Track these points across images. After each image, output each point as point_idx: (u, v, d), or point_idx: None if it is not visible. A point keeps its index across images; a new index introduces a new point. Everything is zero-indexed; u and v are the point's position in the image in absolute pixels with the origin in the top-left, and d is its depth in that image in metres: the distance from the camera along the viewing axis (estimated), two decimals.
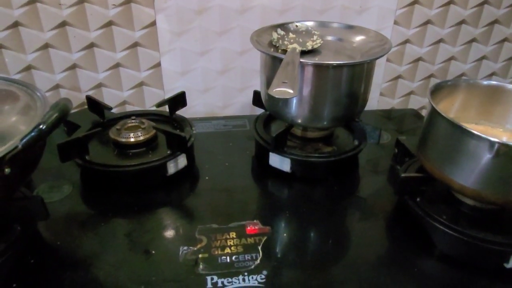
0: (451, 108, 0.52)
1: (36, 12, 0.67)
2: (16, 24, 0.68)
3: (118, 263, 0.45)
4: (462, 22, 0.81)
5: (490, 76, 0.89)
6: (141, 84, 0.78)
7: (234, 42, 0.76)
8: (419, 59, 0.84)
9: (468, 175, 0.43)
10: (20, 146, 0.35)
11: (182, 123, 0.65)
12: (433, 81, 0.87)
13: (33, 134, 0.36)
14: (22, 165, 0.38)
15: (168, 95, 0.78)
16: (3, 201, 0.38)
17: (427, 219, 0.47)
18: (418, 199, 0.49)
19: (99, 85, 0.76)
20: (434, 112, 0.45)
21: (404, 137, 0.63)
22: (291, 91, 0.39)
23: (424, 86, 0.88)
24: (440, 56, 0.84)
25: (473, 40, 0.84)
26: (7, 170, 0.35)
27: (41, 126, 0.36)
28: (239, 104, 0.83)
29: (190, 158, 0.61)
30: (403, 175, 0.48)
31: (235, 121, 0.77)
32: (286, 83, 0.40)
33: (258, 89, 0.67)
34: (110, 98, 0.78)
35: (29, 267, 0.44)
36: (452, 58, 0.85)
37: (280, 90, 0.39)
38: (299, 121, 0.58)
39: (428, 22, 0.80)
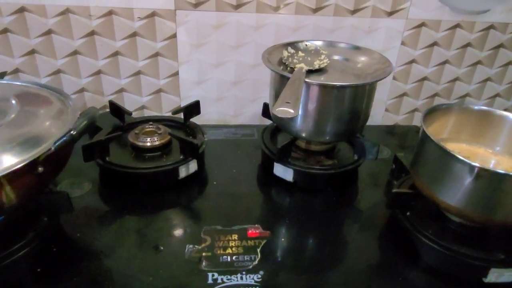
0: (445, 129, 0.56)
1: (68, 21, 0.73)
2: (49, 32, 0.74)
3: (130, 256, 0.50)
4: (467, 45, 0.84)
5: (493, 97, 0.92)
6: (159, 91, 0.83)
7: (248, 55, 0.81)
8: (424, 78, 0.87)
9: (453, 194, 0.46)
10: (52, 149, 0.41)
11: (195, 130, 0.70)
12: (438, 100, 0.91)
13: (65, 138, 0.41)
14: (53, 165, 0.43)
15: (184, 102, 0.84)
16: (35, 195, 0.44)
17: (415, 233, 0.51)
18: (408, 213, 0.53)
19: (120, 90, 0.82)
20: (424, 134, 0.49)
21: (402, 153, 0.67)
22: (292, 111, 0.44)
23: (428, 104, 0.91)
24: (445, 77, 0.87)
25: (478, 62, 0.87)
26: (40, 169, 0.40)
27: (72, 132, 0.41)
28: (250, 114, 0.87)
29: (201, 164, 0.66)
30: (394, 190, 0.52)
31: (245, 130, 0.81)
32: (289, 104, 0.44)
33: (268, 101, 0.72)
34: (130, 102, 0.83)
35: (52, 255, 0.50)
36: (457, 79, 0.88)
37: (283, 110, 0.44)
38: (303, 135, 0.62)
39: (434, 44, 0.83)
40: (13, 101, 0.46)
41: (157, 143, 0.65)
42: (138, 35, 0.77)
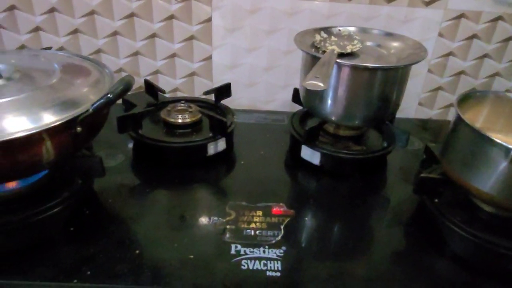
0: (479, 118, 0.54)
1: (110, 3, 0.77)
2: (92, 12, 0.77)
3: (157, 223, 0.52)
4: (509, 38, 0.81)
5: None
6: (192, 74, 0.85)
7: (281, 42, 0.81)
8: (461, 72, 0.85)
9: (485, 180, 0.45)
10: (90, 110, 0.43)
11: (225, 110, 0.71)
12: None
13: (102, 101, 0.43)
14: (90, 127, 0.45)
15: (216, 86, 0.85)
16: (71, 156, 0.46)
17: (443, 219, 0.50)
18: (436, 200, 0.52)
19: (156, 72, 0.85)
20: (458, 118, 0.47)
21: (433, 144, 0.65)
22: (321, 84, 0.44)
23: None
24: (484, 71, 0.84)
25: None
26: (78, 129, 0.43)
27: (109, 95, 0.44)
28: (280, 100, 0.88)
29: (229, 143, 0.67)
30: (422, 175, 0.51)
31: (275, 115, 0.82)
32: (318, 78, 0.44)
33: (298, 87, 0.72)
34: (164, 84, 0.86)
35: (84, 217, 0.52)
36: (496, 74, 0.85)
37: (312, 83, 0.44)
38: (333, 118, 0.62)
39: (474, 36, 0.80)
40: (56, 67, 0.48)
41: (188, 120, 0.66)
42: (175, 18, 0.79)
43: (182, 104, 0.69)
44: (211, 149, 0.64)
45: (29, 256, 0.45)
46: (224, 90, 0.73)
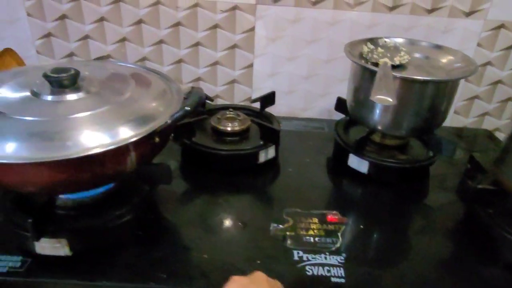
0: None
1: (157, 12, 0.79)
2: (139, 22, 0.80)
3: (218, 229, 0.54)
4: None
5: None
6: (233, 81, 0.87)
7: (321, 51, 0.83)
8: (498, 81, 0.86)
9: None
10: (169, 121, 0.45)
11: (270, 118, 0.73)
12: (511, 105, 0.89)
13: (181, 113, 0.45)
14: (164, 137, 0.48)
15: (255, 93, 0.88)
16: (147, 164, 0.48)
17: (498, 229, 0.51)
18: (490, 211, 0.53)
19: (197, 79, 0.87)
20: None
21: (478, 154, 0.66)
22: (390, 99, 0.46)
23: (501, 109, 0.89)
24: None
25: None
26: (157, 139, 0.45)
27: (187, 108, 0.46)
28: (319, 108, 0.90)
29: (277, 151, 0.69)
30: (479, 186, 0.52)
31: (315, 123, 0.84)
32: (386, 92, 0.46)
33: (340, 95, 0.74)
34: (206, 91, 0.86)
35: (150, 221, 0.54)
36: None
37: (381, 98, 0.46)
38: (380, 127, 0.64)
39: None
40: (130, 81, 0.51)
41: (237, 128, 0.68)
42: (219, 27, 0.81)
43: (230, 112, 0.71)
44: (262, 157, 0.66)
45: (107, 259, 0.47)
46: (269, 99, 0.76)
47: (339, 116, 0.75)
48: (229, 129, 0.68)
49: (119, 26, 0.80)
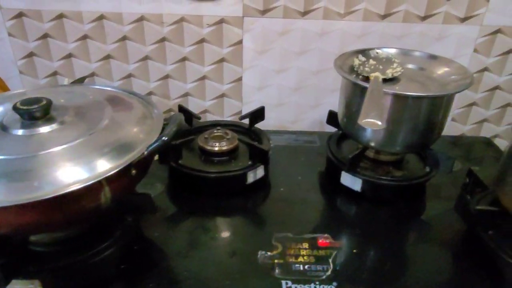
0: None
1: (141, 28, 0.77)
2: (124, 38, 0.78)
3: (206, 259, 0.52)
4: None
5: None
6: (222, 95, 0.85)
7: (311, 62, 0.81)
8: (496, 87, 0.83)
9: None
10: (146, 153, 0.43)
11: (260, 135, 0.71)
12: (510, 111, 0.86)
13: (158, 143, 0.43)
14: (142, 168, 0.45)
15: (245, 107, 0.85)
16: (125, 197, 0.46)
17: (499, 252, 0.49)
18: (490, 232, 0.50)
19: (186, 94, 0.85)
20: None
21: (477, 167, 0.64)
22: (379, 122, 0.43)
23: (499, 115, 0.87)
24: None
25: None
26: (133, 172, 0.43)
27: (164, 138, 0.43)
28: (309, 120, 0.87)
29: (266, 169, 0.66)
30: (478, 207, 0.50)
31: (306, 136, 0.81)
32: (374, 115, 0.43)
33: (331, 107, 0.71)
34: (194, 106, 0.86)
35: (134, 253, 0.52)
36: None
37: (369, 121, 0.43)
38: (373, 144, 0.61)
39: (510, 51, 0.79)
40: (107, 107, 0.48)
41: (225, 148, 0.66)
42: (206, 41, 0.79)
43: (218, 131, 0.69)
44: (251, 177, 0.64)
45: None
46: (258, 114, 0.73)
47: (331, 127, 0.73)
48: (216, 149, 0.66)
49: (103, 44, 0.78)
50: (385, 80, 0.59)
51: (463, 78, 0.58)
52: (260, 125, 0.74)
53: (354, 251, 0.54)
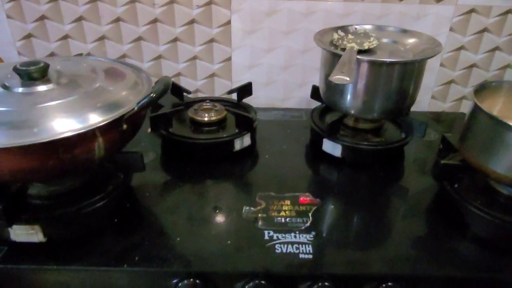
0: (495, 106, 0.57)
1: (134, 9, 0.81)
2: (117, 20, 0.82)
3: (193, 214, 0.56)
4: None
5: None
6: (213, 75, 0.89)
7: (298, 41, 0.85)
8: (473, 65, 0.87)
9: (503, 163, 0.48)
10: (136, 109, 0.47)
11: (248, 108, 0.75)
12: None
13: (146, 100, 0.47)
14: (132, 125, 0.49)
15: (235, 86, 0.89)
16: (116, 152, 0.50)
17: (464, 203, 0.53)
18: (456, 185, 0.54)
19: (178, 74, 0.89)
20: (476, 108, 0.50)
21: (450, 134, 0.68)
22: (347, 78, 0.47)
23: None
24: (495, 64, 0.87)
25: None
26: (124, 126, 0.46)
27: (152, 95, 0.47)
28: (298, 98, 0.91)
29: (253, 139, 0.70)
30: (443, 161, 0.54)
31: (293, 112, 0.85)
32: (344, 73, 0.48)
33: (317, 84, 0.75)
34: (186, 86, 0.88)
35: (126, 209, 0.56)
36: (508, 66, 0.88)
37: (339, 77, 0.47)
38: (352, 111, 0.65)
39: (484, 30, 0.83)
40: (100, 72, 0.52)
41: (214, 118, 0.70)
42: (196, 22, 0.83)
43: (207, 103, 0.73)
44: (238, 145, 0.67)
45: (82, 245, 0.49)
46: (246, 89, 0.77)
47: (317, 104, 0.77)
48: (206, 119, 0.70)
49: (97, 25, 0.82)
50: (362, 52, 0.63)
51: (432, 47, 0.62)
52: (251, 103, 0.78)
53: (332, 207, 0.58)
